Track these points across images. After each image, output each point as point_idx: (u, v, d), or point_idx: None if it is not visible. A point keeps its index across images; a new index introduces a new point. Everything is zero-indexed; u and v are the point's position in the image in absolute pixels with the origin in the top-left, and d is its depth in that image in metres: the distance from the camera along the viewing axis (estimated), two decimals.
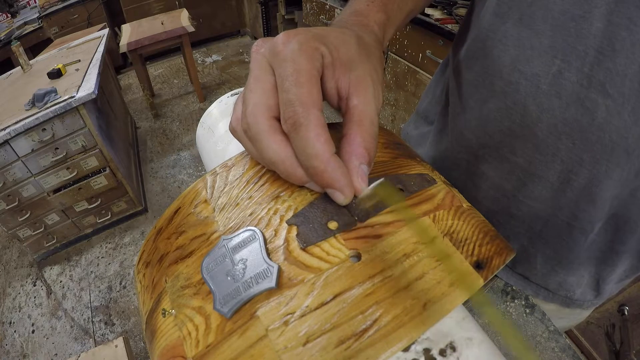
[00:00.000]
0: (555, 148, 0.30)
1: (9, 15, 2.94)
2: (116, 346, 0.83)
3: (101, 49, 1.89)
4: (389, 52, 1.69)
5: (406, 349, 0.17)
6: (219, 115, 0.45)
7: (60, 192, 1.61)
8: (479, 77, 0.34)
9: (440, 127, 0.46)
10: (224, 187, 0.24)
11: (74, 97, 1.41)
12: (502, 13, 0.30)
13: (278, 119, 0.20)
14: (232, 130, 0.23)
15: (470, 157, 0.39)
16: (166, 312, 0.22)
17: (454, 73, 0.39)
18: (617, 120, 0.26)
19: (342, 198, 0.20)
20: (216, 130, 0.44)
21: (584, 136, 0.28)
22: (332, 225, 0.20)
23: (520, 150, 0.33)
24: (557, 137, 0.29)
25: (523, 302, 0.43)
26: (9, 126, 1.33)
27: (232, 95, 0.48)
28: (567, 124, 0.28)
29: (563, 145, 0.29)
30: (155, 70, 3.31)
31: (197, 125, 0.57)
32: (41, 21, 2.89)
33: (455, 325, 0.19)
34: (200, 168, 2.19)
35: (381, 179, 0.22)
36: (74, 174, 1.58)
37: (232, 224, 0.22)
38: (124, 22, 2.82)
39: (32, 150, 1.44)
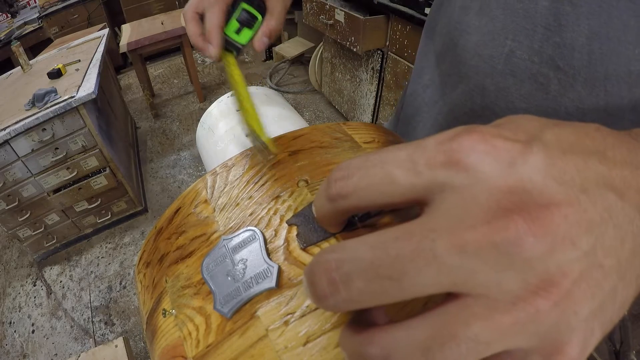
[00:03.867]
0: None
1: (9, 15, 2.94)
2: (116, 346, 0.83)
3: (101, 49, 1.89)
4: (389, 52, 1.69)
5: None
6: (219, 115, 0.45)
7: (60, 192, 1.61)
8: (450, 67, 0.36)
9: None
10: (224, 187, 0.24)
11: (74, 97, 1.41)
12: (466, 6, 0.33)
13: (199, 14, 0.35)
14: (184, 13, 0.35)
15: None
16: (166, 312, 0.22)
17: (433, 65, 0.42)
18: (571, 92, 0.27)
19: (210, 51, 0.34)
20: (216, 130, 0.44)
21: (540, 110, 0.29)
22: None
23: None
24: (515, 113, 0.31)
25: None
26: (9, 126, 1.33)
27: (232, 95, 0.48)
28: (523, 99, 0.30)
29: None
30: (155, 70, 3.31)
31: (197, 125, 0.57)
32: (41, 21, 2.89)
33: None
34: (200, 168, 2.19)
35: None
36: (74, 174, 1.58)
37: (232, 224, 0.22)
38: (124, 22, 2.82)
39: (32, 150, 1.44)
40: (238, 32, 0.34)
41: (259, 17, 0.34)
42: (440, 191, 0.12)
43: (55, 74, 1.58)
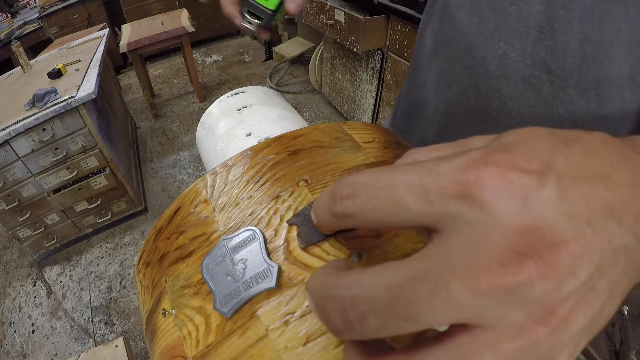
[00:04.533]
0: (507, 125, 0.32)
1: (9, 15, 2.94)
2: (116, 346, 0.83)
3: (101, 49, 1.89)
4: (389, 52, 1.69)
5: None
6: (219, 115, 0.45)
7: (60, 192, 1.61)
8: (444, 65, 0.36)
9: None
10: (224, 187, 0.24)
11: (74, 97, 1.41)
12: (459, 4, 0.32)
13: None
14: None
15: (438, 139, 0.41)
16: (166, 312, 0.22)
17: (427, 62, 0.42)
18: (563, 95, 0.27)
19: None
20: (216, 130, 0.44)
21: (533, 112, 0.29)
22: None
23: (477, 128, 0.34)
24: (507, 114, 0.31)
25: None
26: (9, 126, 1.33)
27: (232, 95, 0.48)
28: (515, 101, 0.30)
29: (513, 122, 0.31)
30: (155, 70, 3.31)
31: (197, 125, 0.57)
32: (41, 21, 2.89)
33: None
34: (200, 168, 2.19)
35: None
36: (74, 174, 1.58)
37: (232, 224, 0.22)
38: (124, 22, 2.82)
39: (32, 150, 1.44)
40: None
41: None
42: (453, 223, 0.12)
43: (55, 74, 1.58)
